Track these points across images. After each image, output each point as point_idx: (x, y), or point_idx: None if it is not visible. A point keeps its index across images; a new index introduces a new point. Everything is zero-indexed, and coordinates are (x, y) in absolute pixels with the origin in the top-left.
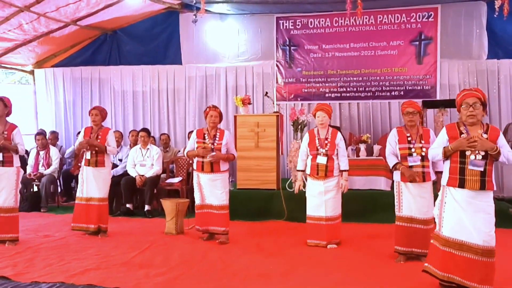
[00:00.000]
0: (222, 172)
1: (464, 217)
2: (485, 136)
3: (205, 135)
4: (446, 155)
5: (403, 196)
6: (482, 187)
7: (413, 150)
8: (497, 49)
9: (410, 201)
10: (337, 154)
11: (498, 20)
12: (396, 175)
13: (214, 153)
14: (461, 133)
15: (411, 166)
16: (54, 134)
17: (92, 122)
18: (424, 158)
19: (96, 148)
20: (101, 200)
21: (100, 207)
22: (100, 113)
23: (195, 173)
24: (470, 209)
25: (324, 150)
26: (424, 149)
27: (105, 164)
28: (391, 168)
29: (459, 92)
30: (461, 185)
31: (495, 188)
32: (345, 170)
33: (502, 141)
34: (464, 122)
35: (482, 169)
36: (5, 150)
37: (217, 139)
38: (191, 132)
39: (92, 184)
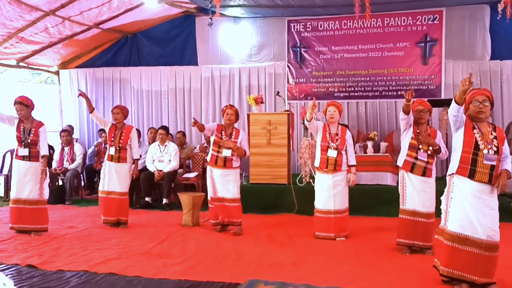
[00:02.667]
0: (234, 168)
1: (470, 211)
2: (494, 134)
3: (222, 132)
4: (456, 100)
5: (407, 190)
6: (490, 181)
7: (420, 146)
8: (500, 50)
9: (414, 194)
10: (345, 149)
11: (501, 22)
12: (400, 160)
13: (229, 140)
14: (473, 127)
15: (416, 158)
16: (70, 128)
17: (114, 120)
18: (428, 156)
19: (120, 145)
20: (121, 194)
21: (120, 201)
22: (121, 111)
23: (208, 167)
24: (476, 204)
25: (334, 144)
26: (430, 148)
27: (127, 160)
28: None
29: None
30: (471, 176)
31: None
32: (353, 165)
33: (506, 142)
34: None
35: (494, 163)
36: (32, 145)
37: (233, 137)
38: None
39: (114, 179)
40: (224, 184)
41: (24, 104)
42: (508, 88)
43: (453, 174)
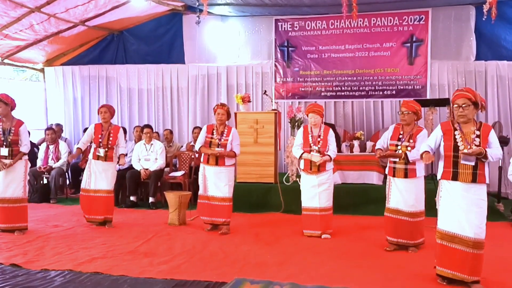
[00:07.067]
0: (226, 166)
1: (458, 210)
2: (477, 132)
3: (214, 131)
4: (423, 157)
5: (391, 190)
6: (474, 180)
7: (399, 147)
8: (484, 51)
9: (397, 194)
10: (328, 149)
11: (486, 23)
12: (386, 169)
13: (220, 150)
14: (455, 129)
15: (394, 162)
16: (59, 127)
17: (102, 119)
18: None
19: (109, 145)
20: (108, 192)
21: (107, 199)
22: (109, 110)
23: (201, 165)
24: (464, 202)
25: (317, 147)
26: (409, 148)
27: (113, 159)
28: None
29: (454, 91)
30: (454, 177)
31: (487, 181)
32: (330, 156)
33: (492, 138)
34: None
35: (473, 163)
36: (13, 144)
37: (224, 135)
38: (196, 127)
39: (101, 177)
40: (216, 182)
41: (3, 102)
42: (492, 89)
43: (440, 179)
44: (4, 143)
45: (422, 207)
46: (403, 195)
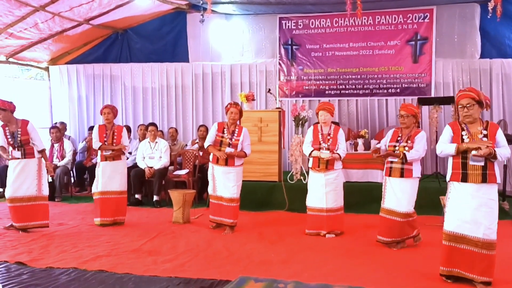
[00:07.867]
0: (235, 166)
1: (467, 210)
2: (484, 132)
3: (225, 130)
4: (460, 151)
5: (386, 190)
6: (484, 180)
7: (397, 148)
8: (489, 49)
9: (391, 194)
10: (337, 148)
11: (491, 21)
12: (384, 169)
13: (231, 150)
14: (462, 129)
15: (391, 162)
16: (63, 125)
17: (105, 120)
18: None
19: (114, 144)
20: (120, 193)
21: (118, 200)
22: (112, 111)
23: (210, 164)
24: (473, 203)
25: (326, 145)
26: (407, 148)
27: (121, 157)
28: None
29: (457, 92)
30: (464, 179)
31: (498, 181)
32: (339, 155)
33: (499, 137)
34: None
35: (482, 163)
36: (25, 144)
37: (235, 135)
38: (201, 125)
39: (112, 178)
40: (224, 182)
41: (1, 109)
42: (497, 87)
43: (449, 181)
44: (16, 145)
45: (412, 209)
46: (397, 195)
